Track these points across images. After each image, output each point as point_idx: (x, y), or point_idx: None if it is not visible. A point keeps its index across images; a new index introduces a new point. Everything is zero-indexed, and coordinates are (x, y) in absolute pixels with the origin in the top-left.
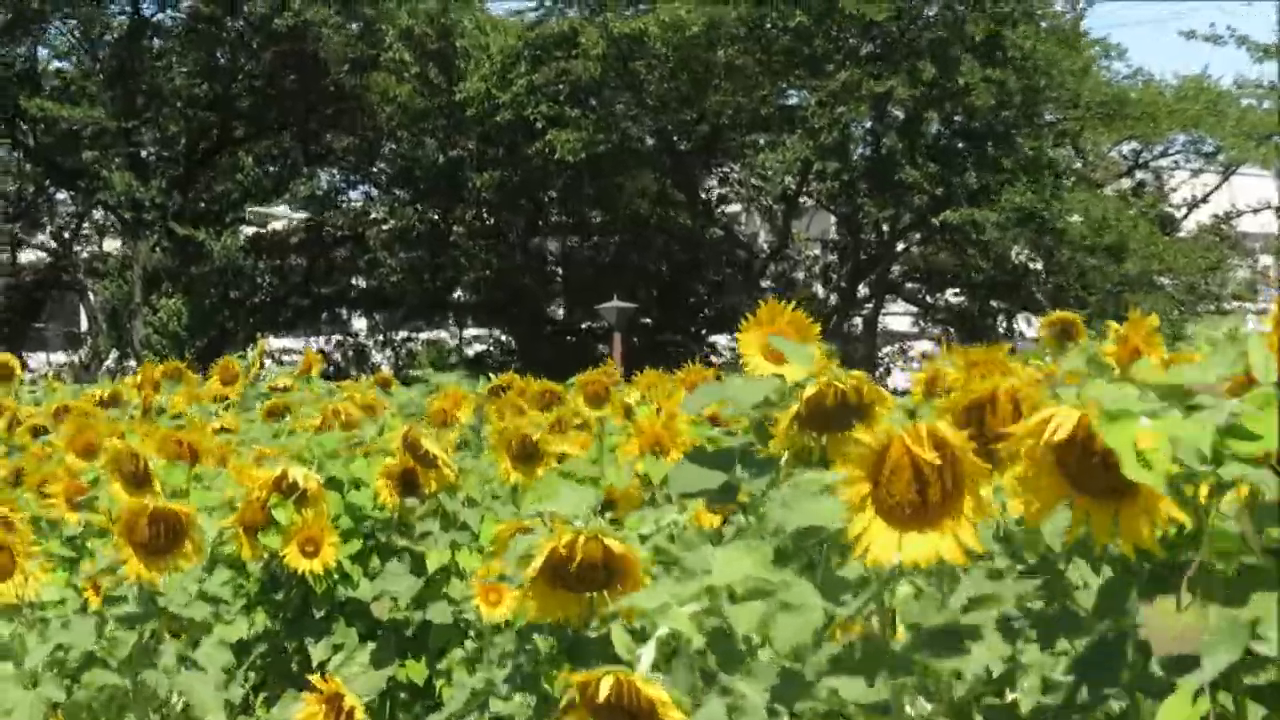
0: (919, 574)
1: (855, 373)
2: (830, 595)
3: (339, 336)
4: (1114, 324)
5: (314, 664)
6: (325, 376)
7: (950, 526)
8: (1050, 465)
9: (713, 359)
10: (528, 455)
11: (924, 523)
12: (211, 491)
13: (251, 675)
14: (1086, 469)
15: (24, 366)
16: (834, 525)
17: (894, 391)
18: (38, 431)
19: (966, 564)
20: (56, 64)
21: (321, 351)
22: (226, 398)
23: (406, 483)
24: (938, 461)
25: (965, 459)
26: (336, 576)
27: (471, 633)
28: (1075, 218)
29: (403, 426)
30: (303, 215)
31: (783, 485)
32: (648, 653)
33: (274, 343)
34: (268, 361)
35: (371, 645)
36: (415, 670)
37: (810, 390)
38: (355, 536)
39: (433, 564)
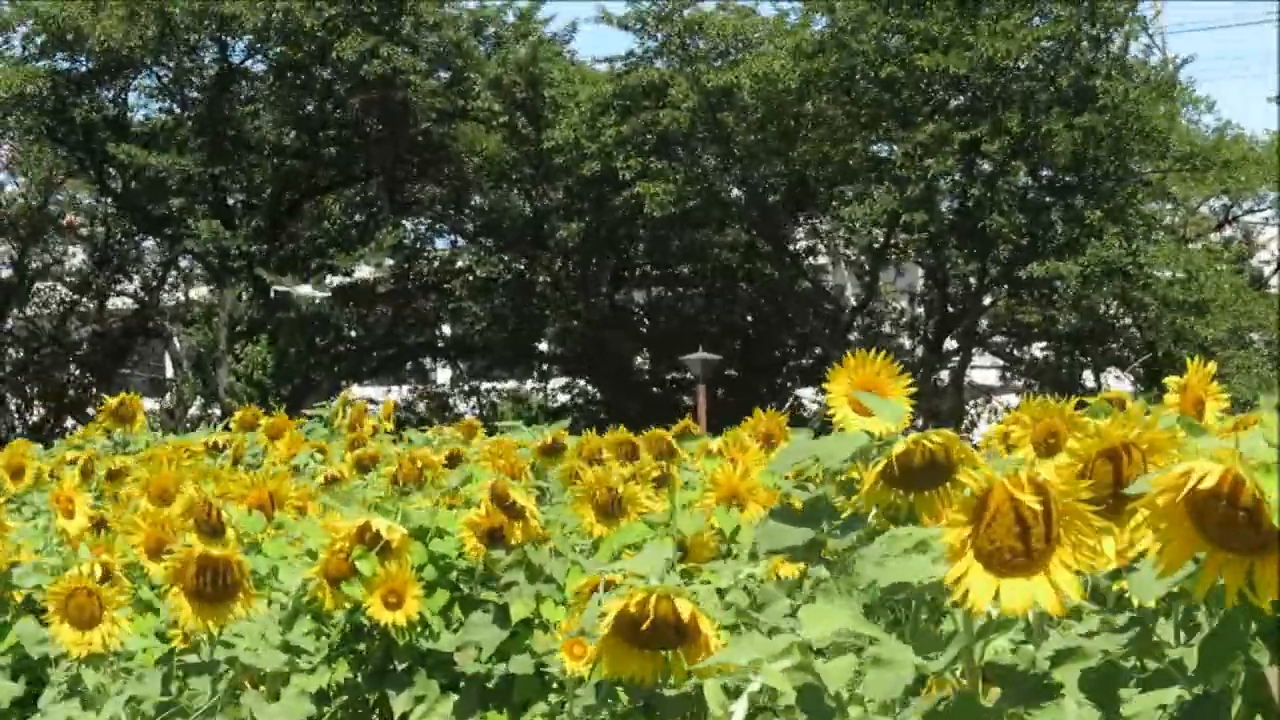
0: (1007, 630)
1: (944, 431)
2: (921, 651)
3: (422, 386)
4: (1174, 378)
5: (396, 715)
6: (407, 426)
7: (1048, 575)
8: (1184, 518)
9: (801, 413)
10: (611, 509)
11: (1022, 570)
12: (292, 542)
13: None
14: (1225, 522)
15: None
16: (926, 581)
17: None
18: (113, 475)
19: (1063, 613)
20: (144, 111)
21: (405, 401)
22: (323, 449)
23: (492, 534)
24: (1039, 507)
25: (1068, 506)
26: (419, 628)
27: (554, 685)
28: (1166, 273)
29: (490, 478)
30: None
31: (871, 542)
32: (740, 707)
33: (356, 391)
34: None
35: (454, 697)
36: None
37: (899, 449)
38: (440, 588)
39: (517, 615)
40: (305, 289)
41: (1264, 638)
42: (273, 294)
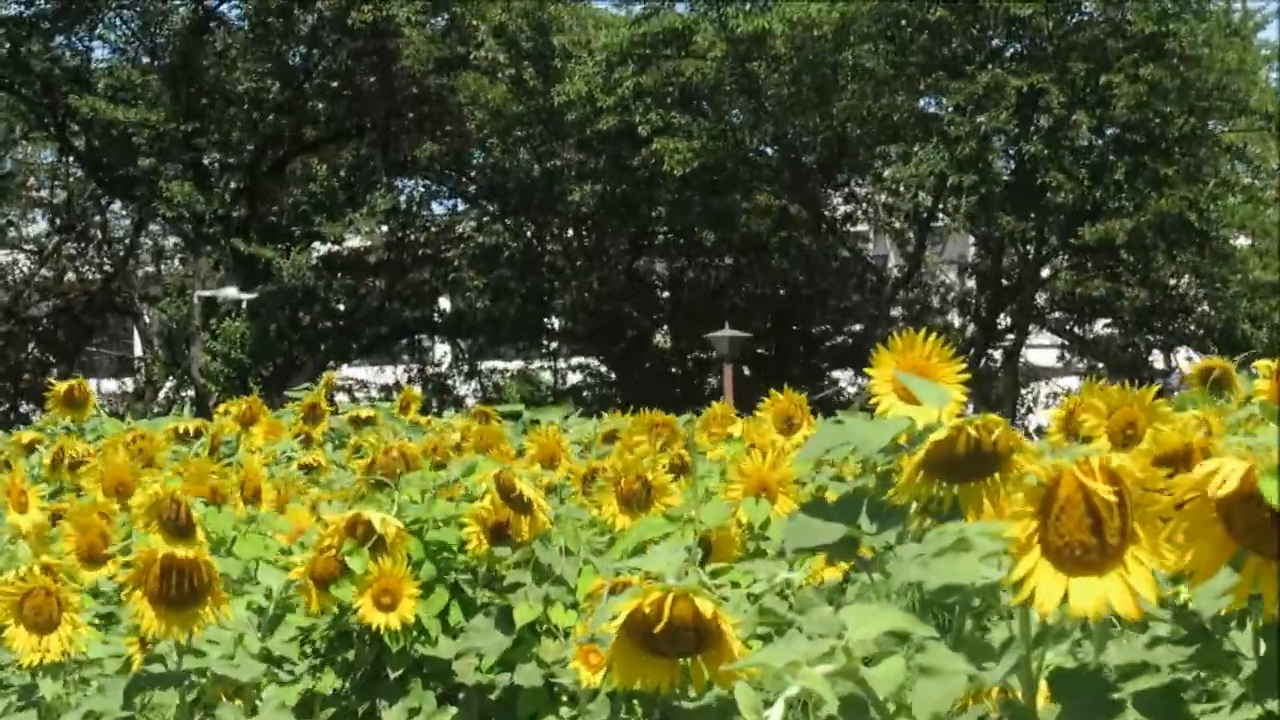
0: (1066, 638)
1: (990, 416)
2: (972, 659)
3: (418, 366)
4: (1265, 362)
5: None
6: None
7: (1122, 574)
8: (1214, 521)
9: (839, 397)
10: (638, 500)
11: (1094, 568)
12: (270, 539)
13: None
14: (1253, 525)
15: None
16: (980, 583)
17: (1037, 431)
18: (75, 465)
19: (1139, 616)
20: (110, 62)
21: (398, 384)
22: (309, 436)
23: (497, 530)
24: (1114, 499)
25: (1145, 498)
26: (414, 633)
27: (564, 698)
28: (1241, 240)
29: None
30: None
31: (910, 539)
32: (776, 713)
33: (345, 372)
34: (339, 396)
35: (453, 710)
36: None
37: (938, 436)
38: (438, 588)
39: (521, 619)
40: (230, 291)
41: None
42: (258, 264)
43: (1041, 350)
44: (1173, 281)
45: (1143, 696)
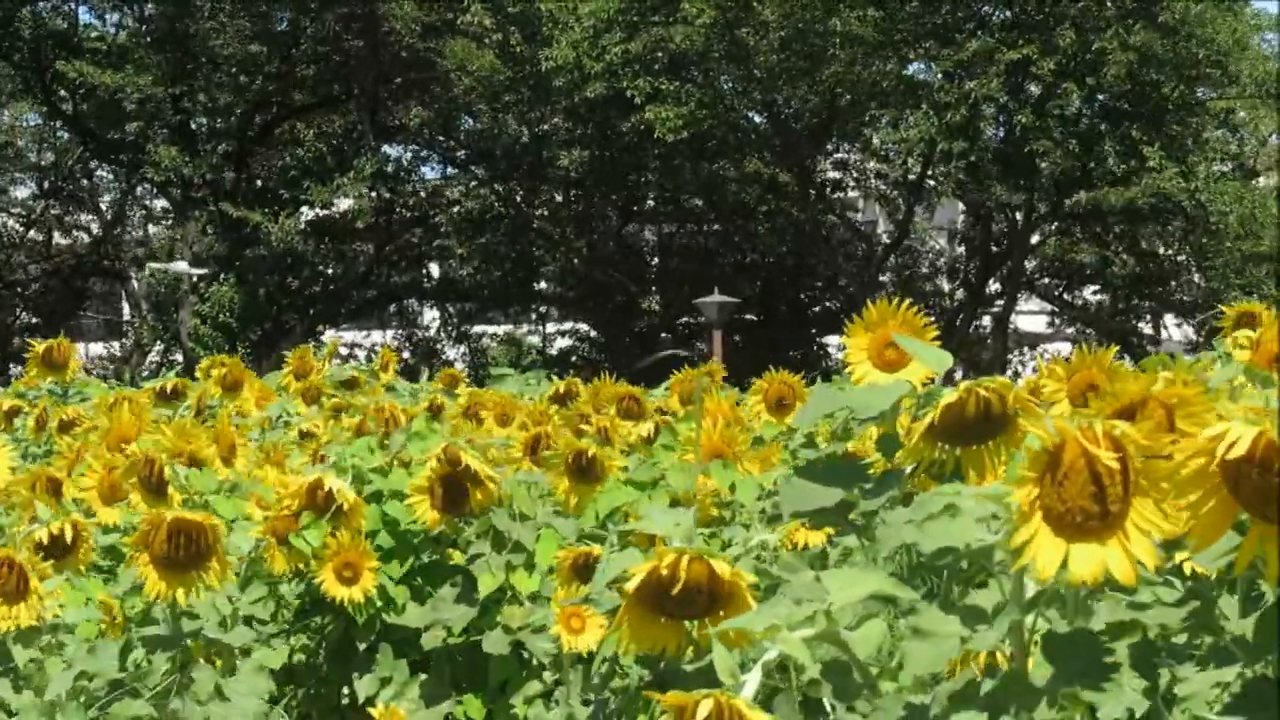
0: (1054, 602)
1: (999, 379)
2: (966, 623)
3: (406, 331)
4: (1247, 331)
5: (360, 699)
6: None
7: (1120, 540)
8: (1219, 486)
9: (826, 364)
10: (586, 472)
11: (1095, 534)
12: (244, 501)
13: (295, 707)
14: (1262, 490)
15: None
16: (975, 545)
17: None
18: (65, 427)
19: (1135, 582)
20: (98, 25)
21: (385, 347)
22: (315, 394)
23: (450, 498)
24: (1116, 465)
25: (1146, 465)
26: (381, 602)
27: (533, 663)
28: (1229, 211)
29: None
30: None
31: (898, 505)
32: (753, 678)
33: (332, 336)
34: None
35: (423, 678)
36: (474, 707)
37: (950, 398)
38: (398, 555)
39: (484, 588)
40: (180, 265)
41: None
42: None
43: (1031, 316)
44: (1162, 250)
45: (1135, 652)
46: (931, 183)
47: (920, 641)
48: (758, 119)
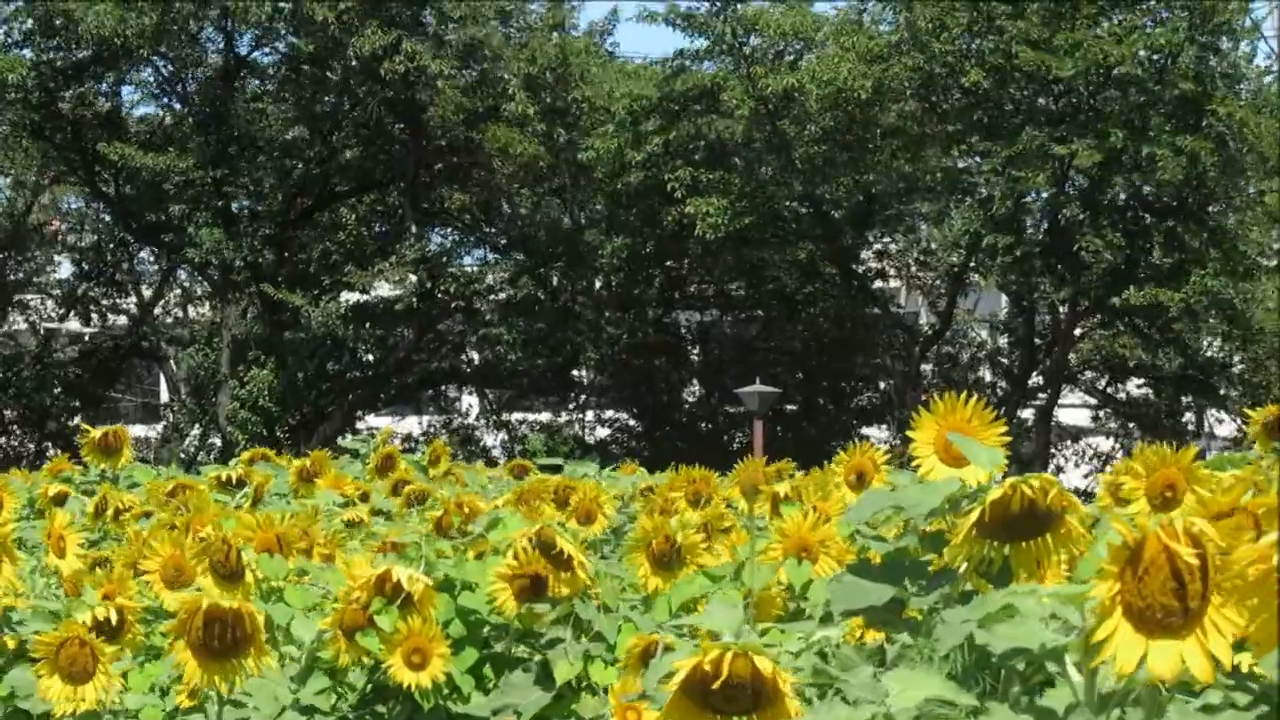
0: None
1: (1044, 475)
2: None
3: (444, 418)
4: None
5: None
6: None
7: (1199, 638)
8: (1276, 591)
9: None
10: (667, 559)
11: (1174, 631)
12: (312, 590)
13: None
14: None
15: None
16: (1048, 645)
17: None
18: (119, 513)
19: (1213, 680)
20: (141, 108)
21: (424, 434)
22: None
23: (533, 587)
24: (1196, 562)
25: (1225, 563)
26: (447, 690)
27: None
28: (1274, 308)
29: (531, 524)
30: None
31: (965, 601)
32: None
33: (371, 421)
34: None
35: None
36: None
37: (995, 495)
38: (469, 645)
39: (561, 676)
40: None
41: None
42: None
43: (1073, 410)
44: (1205, 344)
45: None
46: (976, 276)
47: None
48: (799, 208)
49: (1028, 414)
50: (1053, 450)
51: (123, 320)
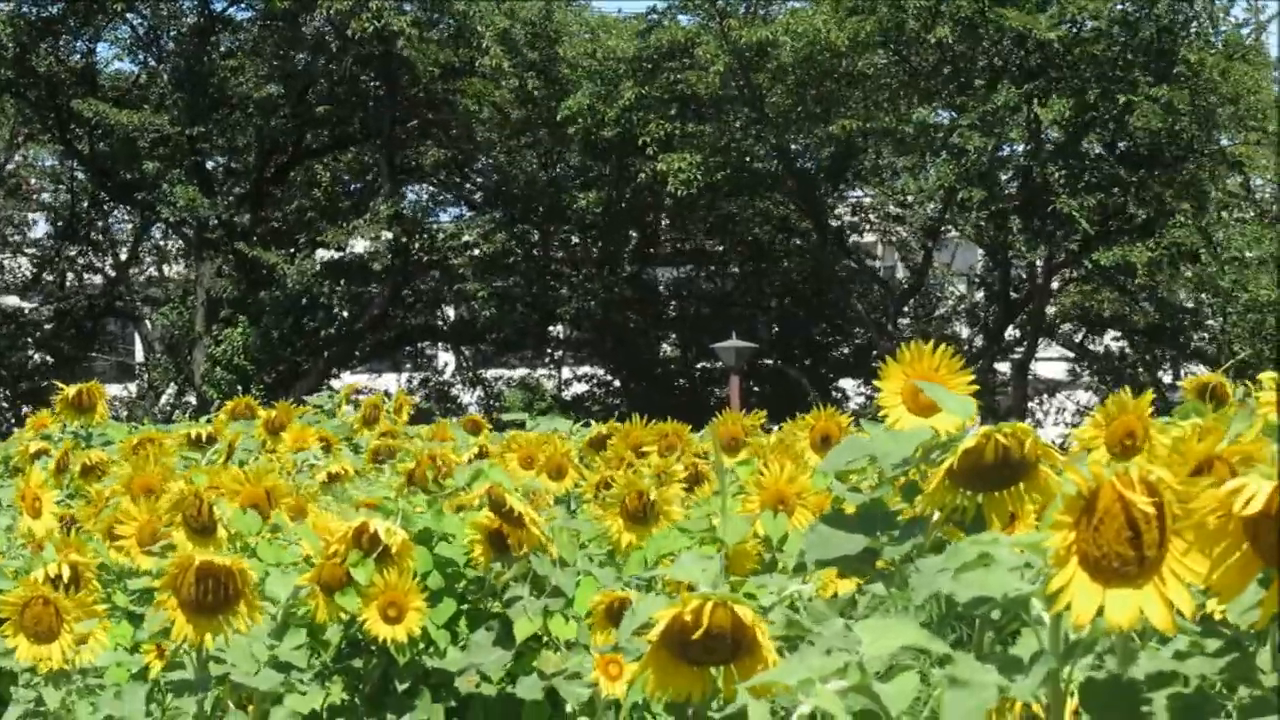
0: (1092, 650)
1: (1019, 424)
2: (1003, 672)
3: (420, 375)
4: (1271, 374)
5: None
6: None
7: (1157, 586)
8: (1239, 539)
9: (843, 408)
10: (642, 514)
11: (1131, 580)
12: (287, 546)
13: None
14: None
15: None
16: (1013, 594)
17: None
18: (87, 471)
19: (1173, 629)
20: (116, 64)
21: (401, 391)
22: (328, 442)
23: (495, 541)
24: (1152, 511)
25: (1181, 510)
26: (423, 644)
27: (567, 710)
28: (1249, 253)
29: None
30: None
31: (935, 551)
32: None
33: (347, 379)
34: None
35: None
36: None
37: (968, 443)
38: (446, 598)
39: (521, 633)
40: None
41: None
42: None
43: (1050, 363)
44: (1182, 297)
45: (1173, 704)
46: (950, 229)
47: (957, 691)
48: (773, 162)
49: (1004, 367)
50: (1031, 404)
51: (98, 280)
